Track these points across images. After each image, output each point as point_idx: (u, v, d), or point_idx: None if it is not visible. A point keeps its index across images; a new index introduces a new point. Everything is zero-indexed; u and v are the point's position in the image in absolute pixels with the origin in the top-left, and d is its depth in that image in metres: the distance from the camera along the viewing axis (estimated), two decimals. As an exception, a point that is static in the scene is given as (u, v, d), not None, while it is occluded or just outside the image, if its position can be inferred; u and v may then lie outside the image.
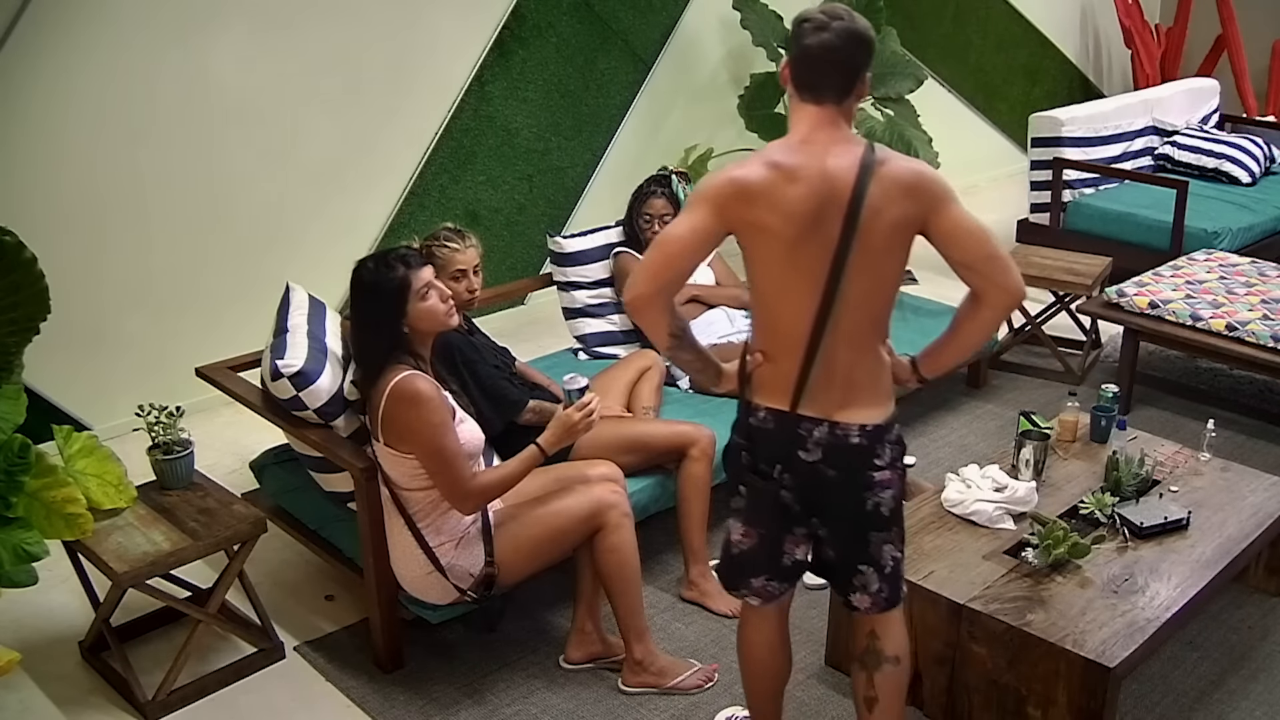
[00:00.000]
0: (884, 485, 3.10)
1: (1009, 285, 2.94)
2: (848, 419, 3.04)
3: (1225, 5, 10.07)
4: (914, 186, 2.90)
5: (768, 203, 2.88)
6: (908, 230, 2.94)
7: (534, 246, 6.98)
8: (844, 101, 2.93)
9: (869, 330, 3.06)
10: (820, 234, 2.89)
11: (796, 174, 2.88)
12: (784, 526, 3.16)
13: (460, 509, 3.68)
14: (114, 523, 3.90)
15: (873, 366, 3.09)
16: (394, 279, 3.64)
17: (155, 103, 5.42)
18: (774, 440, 3.10)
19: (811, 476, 3.09)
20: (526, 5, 6.67)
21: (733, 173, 2.93)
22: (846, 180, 2.86)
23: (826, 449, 3.05)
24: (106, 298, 5.49)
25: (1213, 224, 7.23)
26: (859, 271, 2.92)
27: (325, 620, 4.37)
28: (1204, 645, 4.23)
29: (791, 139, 2.96)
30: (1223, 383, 6.35)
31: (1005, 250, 2.95)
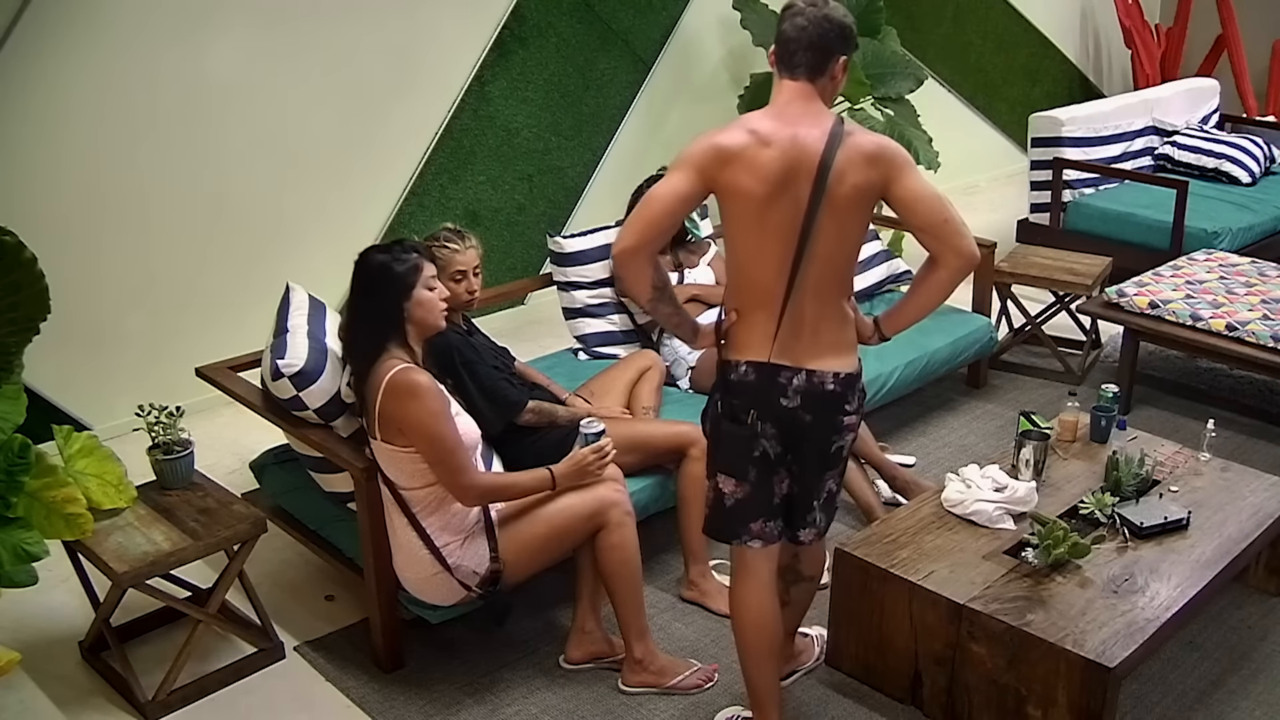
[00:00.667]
0: (849, 429, 3.43)
1: (961, 249, 3.19)
2: (823, 368, 3.32)
3: (1225, 5, 10.07)
4: (875, 156, 3.19)
5: (743, 165, 3.17)
6: (869, 194, 3.22)
7: (534, 246, 6.98)
8: (817, 79, 3.24)
9: (834, 286, 3.32)
10: (790, 195, 3.17)
11: (770, 140, 3.16)
12: (769, 469, 3.41)
13: (460, 500, 3.69)
14: (114, 523, 3.90)
15: (837, 320, 3.37)
16: (406, 261, 3.70)
17: (155, 103, 5.42)
18: (755, 390, 3.34)
19: (790, 421, 3.35)
20: (526, 5, 6.67)
21: (714, 138, 3.22)
22: (816, 148, 3.15)
23: (805, 395, 3.32)
24: (106, 297, 5.49)
25: (1213, 224, 7.23)
26: (825, 231, 3.20)
27: (325, 620, 4.37)
28: (1204, 645, 4.23)
29: (769, 109, 3.26)
30: (1223, 383, 6.35)
31: (959, 217, 3.21)
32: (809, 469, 3.43)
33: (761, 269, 3.26)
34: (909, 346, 5.50)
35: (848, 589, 3.98)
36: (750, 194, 3.18)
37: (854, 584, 3.95)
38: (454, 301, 4.13)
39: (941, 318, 5.83)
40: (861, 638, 3.98)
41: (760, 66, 7.38)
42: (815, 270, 3.24)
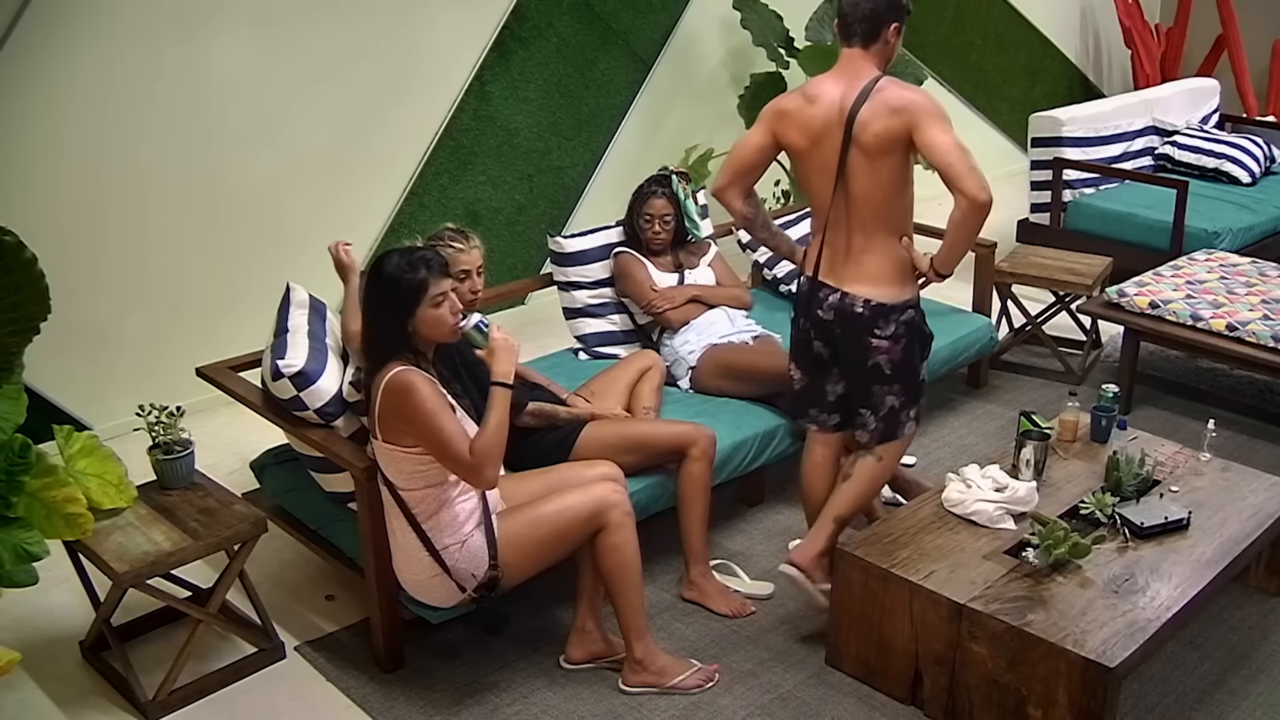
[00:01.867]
0: (881, 351, 4.02)
1: (965, 190, 3.74)
2: (855, 291, 3.99)
3: (1225, 5, 10.07)
4: (899, 107, 3.80)
5: (793, 121, 3.98)
6: (894, 140, 3.82)
7: (534, 246, 6.98)
8: (870, 45, 3.91)
9: (875, 221, 3.96)
10: (828, 142, 3.90)
11: (817, 99, 3.93)
12: (823, 370, 4.21)
13: (477, 483, 3.69)
14: (114, 522, 3.90)
15: (880, 253, 3.99)
16: (413, 278, 3.64)
17: (155, 102, 5.42)
18: (802, 300, 4.16)
19: (827, 332, 4.10)
20: (527, 5, 6.67)
21: (778, 101, 4.08)
22: (847, 102, 3.85)
23: (836, 312, 4.03)
24: (107, 297, 5.49)
25: (1213, 224, 7.23)
26: (857, 172, 3.89)
27: (326, 620, 4.37)
28: (1205, 645, 4.23)
29: (830, 72, 3.98)
30: (1223, 383, 6.35)
31: (969, 164, 3.75)
32: (853, 376, 4.15)
33: (814, 201, 4.07)
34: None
35: (848, 589, 3.98)
36: (797, 144, 3.99)
37: (854, 584, 3.95)
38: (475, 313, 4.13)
39: (942, 318, 5.83)
40: (862, 638, 3.98)
41: (760, 66, 7.38)
42: (854, 206, 3.94)
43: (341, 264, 4.31)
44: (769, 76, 7.33)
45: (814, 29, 7.35)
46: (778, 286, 6.07)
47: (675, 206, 5.28)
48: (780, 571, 4.23)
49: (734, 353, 5.05)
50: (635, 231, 5.31)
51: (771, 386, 4.90)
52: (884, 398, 4.11)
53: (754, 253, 6.11)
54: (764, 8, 7.30)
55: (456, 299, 3.76)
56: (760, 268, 6.17)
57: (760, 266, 6.16)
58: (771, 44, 7.19)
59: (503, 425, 3.66)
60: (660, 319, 5.20)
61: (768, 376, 4.91)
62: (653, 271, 5.26)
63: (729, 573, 4.58)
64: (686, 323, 5.17)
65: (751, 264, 6.23)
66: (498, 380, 3.71)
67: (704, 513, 4.38)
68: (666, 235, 5.28)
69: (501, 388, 3.70)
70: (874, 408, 4.13)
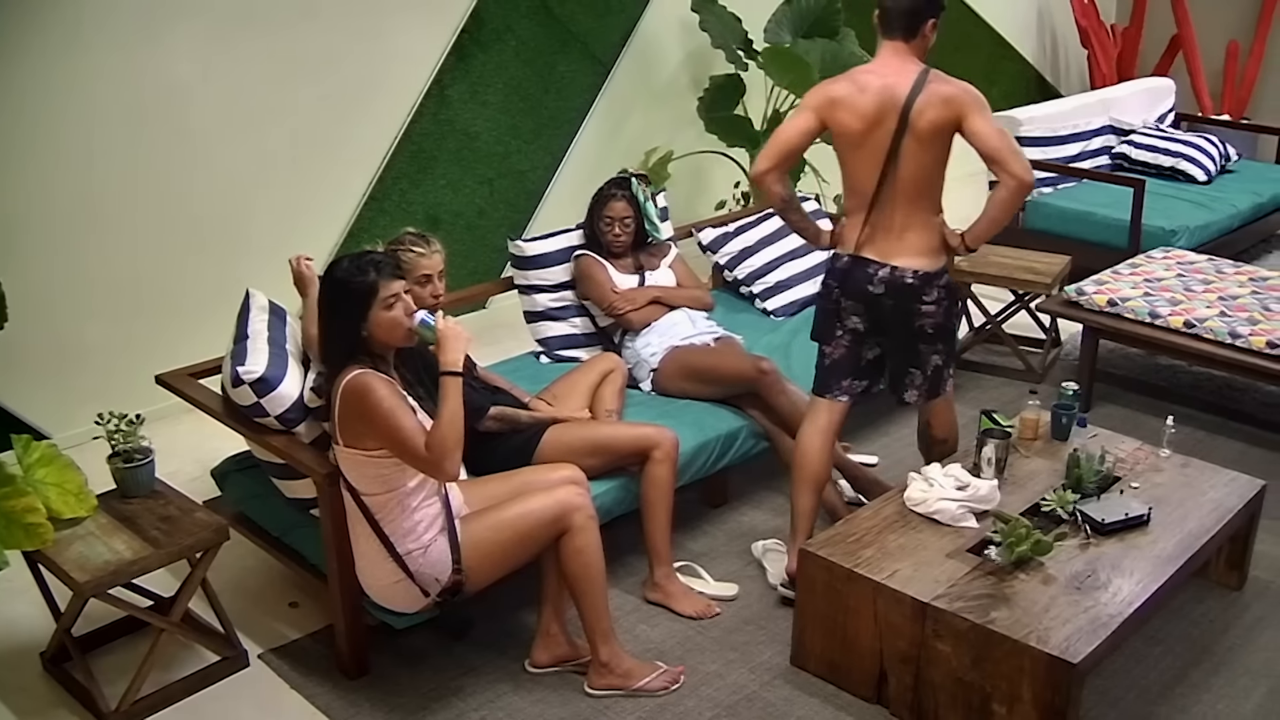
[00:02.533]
0: (929, 315, 4.32)
1: (1013, 172, 4.08)
2: (904, 264, 4.27)
3: (1180, 6, 10.15)
4: (949, 98, 4.13)
5: (846, 107, 4.19)
6: (945, 128, 4.17)
7: (495, 250, 6.97)
8: (910, 40, 4.21)
9: (918, 200, 4.27)
10: (881, 128, 4.16)
11: (867, 88, 4.17)
12: (859, 340, 4.43)
13: (439, 476, 3.66)
14: (75, 532, 3.87)
15: (922, 228, 4.30)
16: (364, 281, 3.62)
17: (113, 109, 5.39)
18: (846, 275, 4.35)
19: (876, 304, 4.32)
20: (485, 9, 6.66)
21: (827, 88, 4.27)
22: (902, 92, 4.13)
23: (888, 285, 4.28)
24: (64, 305, 5.45)
25: (1170, 222, 7.28)
26: (908, 155, 4.18)
27: (289, 627, 4.35)
28: (1166, 640, 4.26)
29: (873, 64, 4.27)
30: (1182, 379, 6.39)
31: (1014, 147, 4.14)
32: (899, 341, 4.41)
33: (860, 182, 4.28)
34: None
35: (812, 589, 3.99)
36: (852, 128, 4.20)
37: (818, 584, 3.95)
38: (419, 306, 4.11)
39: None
40: (826, 637, 3.99)
41: (719, 68, 7.39)
42: (901, 186, 4.22)
43: (302, 277, 4.29)
44: (728, 79, 7.34)
45: (773, 31, 7.36)
46: (739, 288, 6.08)
47: (635, 209, 5.28)
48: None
49: (696, 354, 5.05)
50: (595, 234, 5.31)
51: (733, 388, 4.91)
52: (930, 357, 4.42)
53: (714, 254, 6.12)
54: (723, 10, 7.31)
55: (410, 301, 3.74)
56: (721, 269, 6.17)
57: (721, 268, 6.16)
58: (731, 46, 7.19)
59: (457, 414, 3.61)
60: (622, 321, 5.19)
61: (730, 378, 4.92)
62: (613, 274, 5.26)
63: (693, 574, 4.58)
64: (648, 325, 5.18)
65: (712, 265, 6.24)
66: (447, 369, 3.67)
67: (667, 515, 4.39)
68: (627, 237, 5.28)
69: (452, 376, 3.66)
70: (921, 366, 4.44)
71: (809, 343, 5.48)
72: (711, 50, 7.30)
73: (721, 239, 6.14)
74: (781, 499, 5.11)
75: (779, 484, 5.17)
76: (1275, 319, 5.61)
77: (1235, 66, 10.27)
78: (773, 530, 4.89)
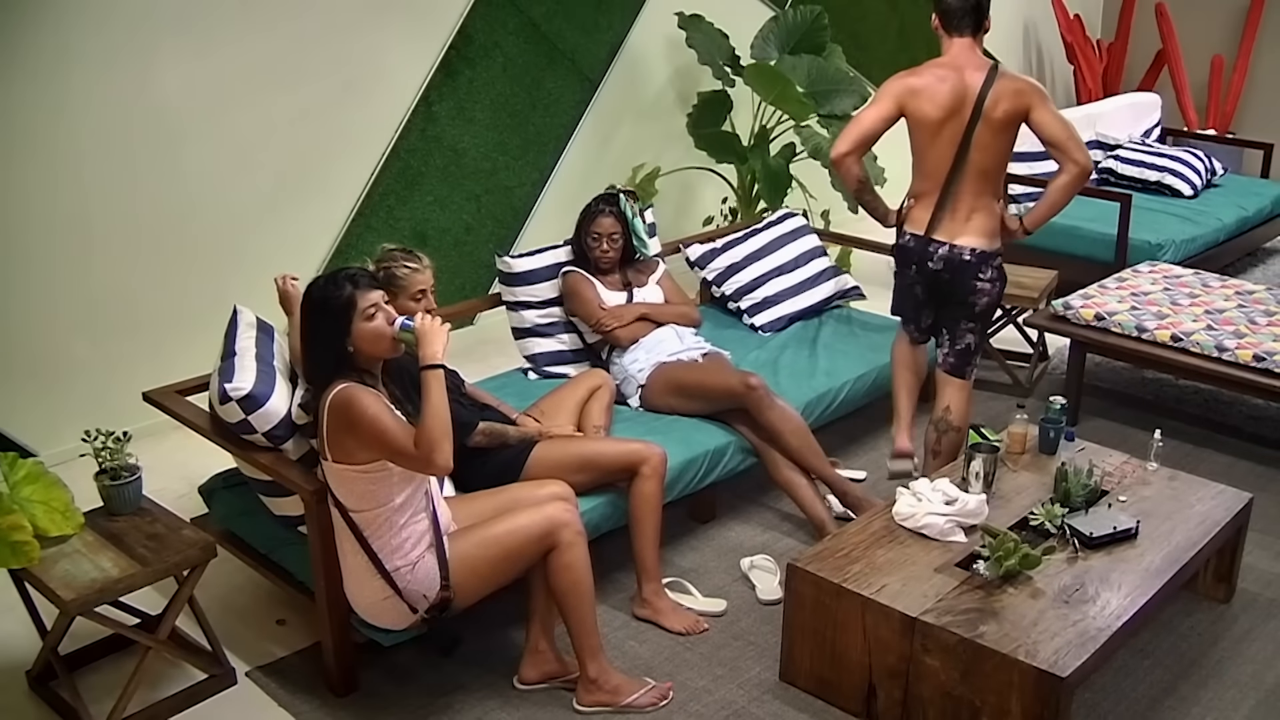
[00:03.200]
0: (982, 292, 4.79)
1: (1077, 159, 4.56)
2: (962, 243, 4.73)
3: (1165, 21, 10.20)
4: (1020, 90, 4.59)
5: (926, 97, 4.61)
6: (1015, 118, 4.61)
7: (482, 266, 6.97)
8: (977, 34, 4.71)
9: (986, 185, 4.71)
10: (957, 118, 4.60)
11: (945, 80, 4.62)
12: (919, 305, 5.01)
13: (432, 471, 3.61)
14: (61, 550, 3.85)
15: (985, 211, 4.74)
16: (341, 295, 3.63)
17: (100, 124, 5.38)
18: (913, 252, 4.85)
19: (935, 278, 4.84)
20: (473, 25, 6.67)
21: (906, 79, 4.67)
22: (977, 84, 4.59)
23: (946, 262, 4.77)
24: (51, 322, 5.43)
25: (1156, 236, 7.31)
26: (980, 143, 4.62)
27: (277, 645, 4.34)
28: (1155, 653, 4.27)
29: (944, 59, 4.70)
30: (1168, 393, 6.41)
31: (1078, 136, 4.61)
32: (948, 312, 4.92)
33: (933, 169, 4.70)
34: (857, 362, 5.54)
35: (801, 604, 3.98)
36: (930, 117, 4.61)
37: (807, 599, 3.95)
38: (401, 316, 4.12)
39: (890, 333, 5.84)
40: (815, 653, 3.99)
41: (706, 85, 7.40)
42: (972, 172, 4.66)
43: (287, 296, 4.29)
44: (715, 95, 7.35)
45: (759, 47, 7.37)
46: (726, 304, 6.09)
47: (623, 225, 5.28)
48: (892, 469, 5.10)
49: (683, 370, 5.05)
50: (583, 250, 5.31)
51: (721, 403, 4.91)
52: (965, 334, 4.90)
53: (702, 270, 6.13)
54: (709, 26, 7.32)
55: (391, 310, 3.73)
56: (708, 285, 6.18)
57: (708, 284, 6.17)
58: (717, 62, 7.20)
59: (441, 407, 3.59)
60: (609, 337, 5.20)
61: (717, 393, 4.92)
62: (601, 290, 5.27)
63: (682, 590, 4.58)
64: (635, 341, 5.18)
65: (700, 281, 6.25)
66: (425, 364, 3.64)
67: (656, 530, 4.38)
68: (614, 254, 5.29)
69: (433, 370, 3.63)
70: (954, 339, 4.93)
71: (796, 358, 5.54)
72: (699, 66, 7.31)
73: (709, 255, 6.16)
74: (770, 514, 5.11)
75: (767, 499, 5.18)
76: (1261, 332, 5.63)
77: (1220, 81, 10.31)
78: (761, 546, 4.89)
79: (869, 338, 5.82)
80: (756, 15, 7.78)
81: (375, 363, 3.75)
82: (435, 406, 3.58)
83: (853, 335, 5.88)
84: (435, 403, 3.59)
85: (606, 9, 7.31)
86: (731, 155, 7.42)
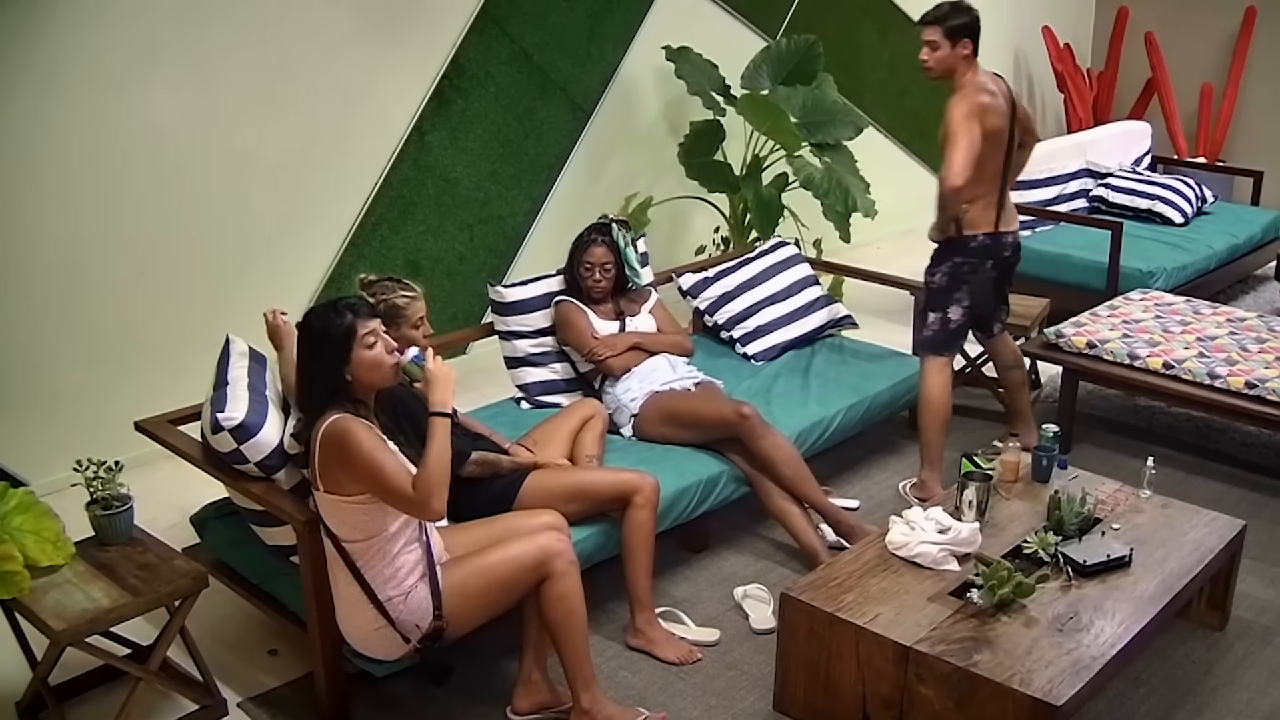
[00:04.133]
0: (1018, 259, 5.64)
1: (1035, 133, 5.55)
2: (1015, 228, 5.47)
3: (1155, 50, 10.24)
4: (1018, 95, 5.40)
5: (993, 111, 5.13)
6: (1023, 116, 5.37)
7: (475, 296, 6.97)
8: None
9: (1012, 179, 5.42)
10: (1007, 125, 5.21)
11: (994, 94, 5.18)
12: (987, 299, 5.58)
13: (425, 516, 3.64)
14: (52, 580, 3.84)
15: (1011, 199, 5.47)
16: (341, 323, 3.64)
17: (94, 150, 5.39)
18: (988, 249, 5.36)
19: (1004, 264, 5.51)
20: (465, 55, 6.68)
21: (975, 99, 5.08)
22: (1007, 93, 5.25)
23: (1013, 248, 5.50)
24: (43, 351, 5.43)
25: (1147, 264, 7.33)
26: (1015, 145, 5.30)
27: (269, 676, 4.32)
28: (1149, 681, 4.26)
29: (981, 77, 5.17)
30: (1161, 420, 6.41)
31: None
32: (1000, 289, 5.65)
33: (991, 173, 5.20)
34: (850, 391, 5.53)
35: (794, 634, 3.97)
36: (997, 128, 5.15)
37: (801, 629, 3.94)
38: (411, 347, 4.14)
39: (882, 361, 5.88)
40: (809, 682, 3.97)
41: (698, 114, 7.41)
42: (1012, 170, 5.37)
43: (278, 331, 4.29)
44: (707, 124, 7.37)
45: (751, 77, 7.40)
46: (719, 333, 6.09)
47: (615, 254, 5.29)
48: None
49: (676, 400, 5.05)
50: (576, 280, 5.32)
51: (714, 432, 4.91)
52: (1006, 291, 5.75)
53: (694, 299, 6.14)
54: (698, 58, 7.34)
55: (389, 339, 3.75)
56: (701, 314, 6.18)
57: (701, 313, 6.17)
58: (708, 92, 7.22)
59: (444, 454, 3.62)
60: (602, 367, 5.20)
61: (710, 423, 4.92)
62: (594, 319, 5.27)
63: (675, 620, 4.57)
64: (628, 370, 5.18)
65: (692, 310, 6.25)
66: (435, 410, 3.68)
67: (649, 560, 4.38)
68: (607, 283, 5.29)
69: (440, 417, 3.67)
70: (1005, 306, 5.81)
71: (789, 387, 5.52)
72: (689, 97, 7.32)
73: (701, 284, 6.16)
74: (763, 543, 5.11)
75: (760, 528, 5.17)
76: (1253, 359, 5.64)
77: (1209, 109, 10.35)
78: (754, 575, 4.88)
79: (861, 366, 5.82)
80: (749, 44, 7.82)
81: (371, 392, 3.75)
82: (438, 454, 3.61)
83: (845, 364, 5.88)
84: (439, 450, 3.61)
85: (599, 39, 7.34)
86: (723, 185, 7.44)
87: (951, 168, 4.96)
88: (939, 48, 5.14)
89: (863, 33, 9.10)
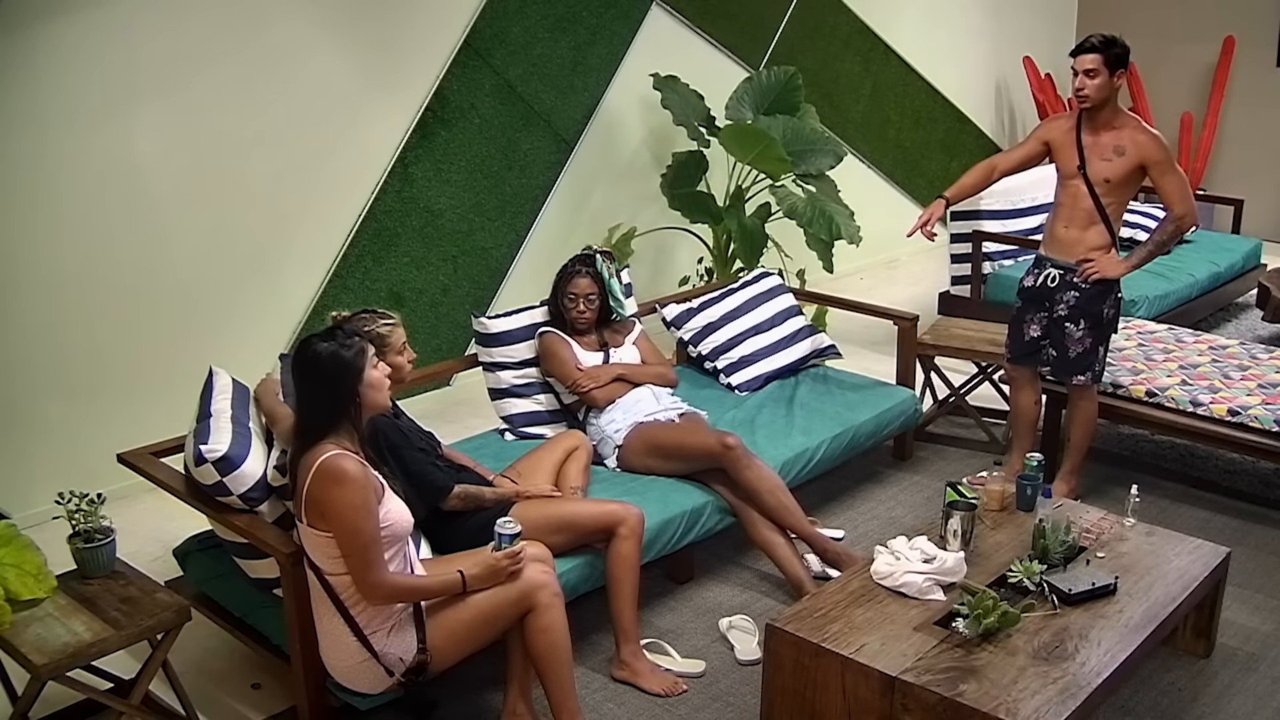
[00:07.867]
0: None
1: None
2: None
3: (1135, 79, 10.30)
4: None
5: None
6: None
7: (459, 327, 6.97)
8: None
9: None
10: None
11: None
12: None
13: (366, 597, 3.64)
14: (33, 613, 3.82)
15: None
16: (354, 346, 3.69)
17: (76, 185, 5.39)
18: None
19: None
20: (449, 87, 6.70)
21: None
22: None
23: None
24: (24, 382, 5.41)
25: (1129, 292, 7.33)
26: None
27: (252, 709, 4.30)
28: (1135, 709, 4.26)
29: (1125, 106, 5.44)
30: (1144, 448, 6.42)
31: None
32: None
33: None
34: (834, 421, 5.53)
35: (780, 665, 3.96)
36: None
37: (786, 659, 3.93)
38: (397, 375, 4.14)
39: (866, 391, 5.88)
40: (795, 713, 3.96)
41: (681, 145, 7.44)
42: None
43: None
44: (690, 155, 7.39)
45: (734, 108, 7.42)
46: (703, 363, 6.10)
47: (600, 285, 5.29)
48: None
49: (661, 431, 5.05)
50: (560, 311, 5.32)
51: (699, 463, 4.90)
52: None
53: (678, 330, 6.14)
54: (684, 87, 7.37)
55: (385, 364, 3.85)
56: (685, 345, 6.18)
57: (685, 344, 6.18)
58: (692, 123, 7.24)
59: (433, 595, 3.76)
60: (586, 398, 5.19)
61: (695, 453, 4.91)
62: (578, 351, 5.27)
63: (660, 651, 4.56)
64: (612, 401, 5.18)
65: (676, 341, 6.25)
66: (465, 571, 3.77)
67: (634, 591, 4.37)
68: (591, 314, 5.30)
69: (460, 581, 3.76)
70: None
71: (773, 417, 5.52)
72: (674, 127, 7.34)
73: (685, 315, 6.17)
74: (749, 574, 5.10)
75: (745, 559, 5.16)
76: (1235, 387, 5.66)
77: (1190, 138, 10.41)
78: (739, 606, 4.87)
79: (845, 396, 5.82)
80: (730, 76, 7.84)
81: (371, 413, 3.79)
82: (427, 591, 3.76)
83: (829, 394, 5.88)
84: (430, 590, 3.77)
85: (582, 70, 7.36)
86: (706, 215, 7.45)
87: (1189, 202, 5.18)
88: (1098, 75, 5.14)
89: (845, 63, 9.15)
